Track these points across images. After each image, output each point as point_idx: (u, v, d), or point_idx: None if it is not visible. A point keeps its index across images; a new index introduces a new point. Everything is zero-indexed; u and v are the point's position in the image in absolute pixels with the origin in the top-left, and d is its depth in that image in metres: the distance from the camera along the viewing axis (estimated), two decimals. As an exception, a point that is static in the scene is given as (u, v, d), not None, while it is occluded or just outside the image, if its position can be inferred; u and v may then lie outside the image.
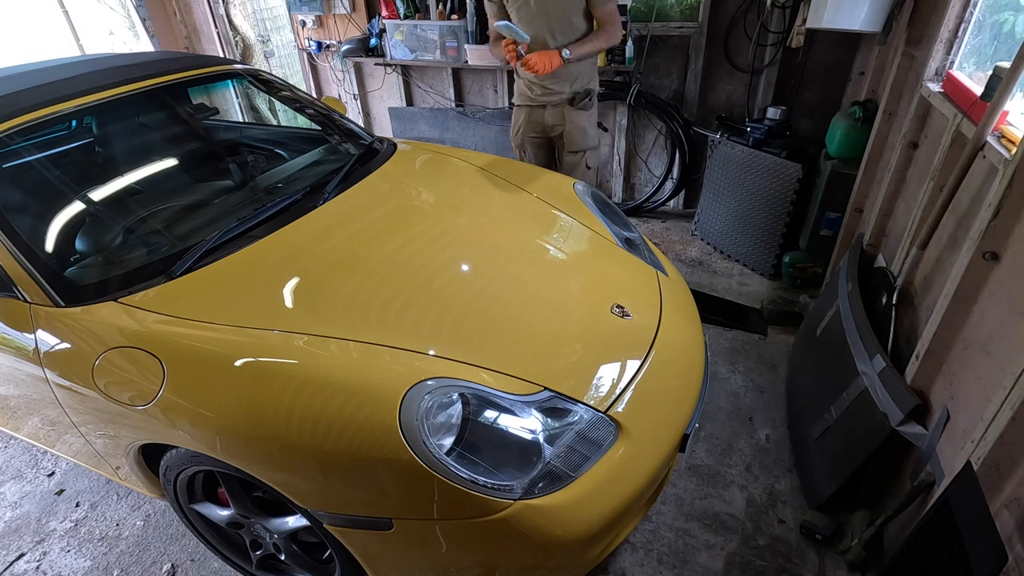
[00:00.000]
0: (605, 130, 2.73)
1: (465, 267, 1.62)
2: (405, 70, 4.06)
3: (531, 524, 1.13)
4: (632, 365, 1.43)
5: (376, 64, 4.07)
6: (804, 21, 2.65)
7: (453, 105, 4.03)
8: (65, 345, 1.37)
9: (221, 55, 4.42)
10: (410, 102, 4.21)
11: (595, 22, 2.41)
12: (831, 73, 3.03)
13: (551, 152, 2.79)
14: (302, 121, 2.45)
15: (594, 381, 1.36)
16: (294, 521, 1.37)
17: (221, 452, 1.21)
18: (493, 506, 1.11)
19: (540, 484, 1.16)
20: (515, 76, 2.63)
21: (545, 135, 2.67)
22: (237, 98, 4.36)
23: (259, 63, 4.63)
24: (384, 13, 3.77)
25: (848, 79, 2.99)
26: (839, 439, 1.71)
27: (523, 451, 1.19)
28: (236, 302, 1.37)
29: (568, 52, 2.29)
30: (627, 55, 3.20)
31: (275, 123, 4.47)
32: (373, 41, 3.93)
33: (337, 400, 1.14)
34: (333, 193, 1.79)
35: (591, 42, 2.35)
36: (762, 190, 2.93)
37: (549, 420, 1.25)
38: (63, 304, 1.37)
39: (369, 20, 3.96)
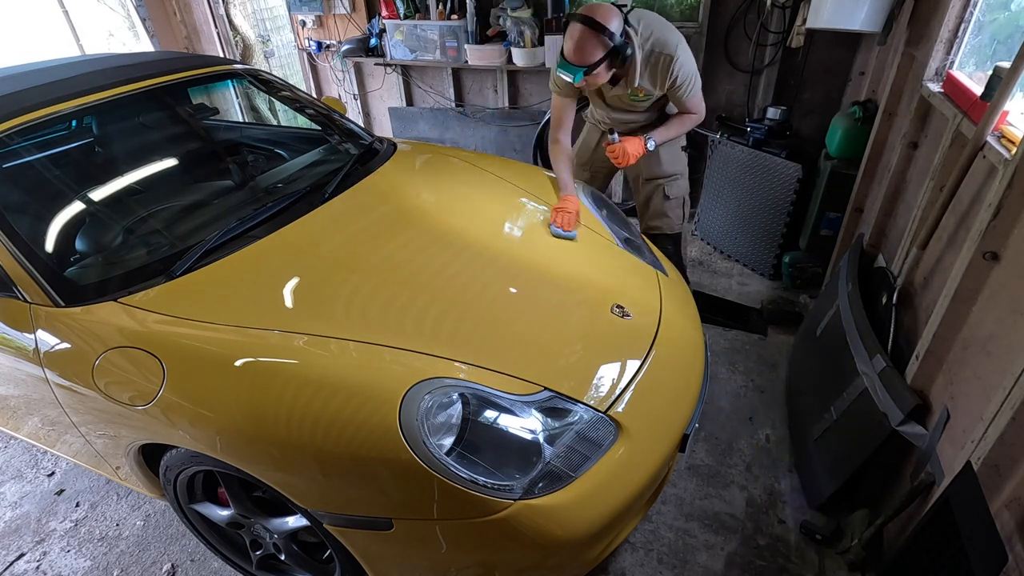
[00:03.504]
0: (688, 152, 2.34)
1: (465, 267, 1.61)
2: (405, 70, 4.07)
3: (531, 524, 1.13)
4: (632, 365, 1.43)
5: (376, 64, 4.07)
6: (804, 21, 2.65)
7: (453, 105, 4.03)
8: (65, 345, 1.37)
9: (221, 55, 4.42)
10: (410, 102, 4.21)
11: None
12: (831, 73, 3.03)
13: (608, 179, 2.55)
14: (302, 121, 2.45)
15: (594, 381, 1.36)
16: (294, 521, 1.37)
17: (221, 452, 1.21)
18: (493, 506, 1.11)
19: (540, 484, 1.16)
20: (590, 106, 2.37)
21: (609, 163, 2.32)
22: (237, 98, 4.36)
23: (259, 63, 4.63)
24: (384, 13, 3.77)
25: (848, 79, 2.99)
26: (839, 439, 1.71)
27: (523, 451, 1.19)
28: (236, 302, 1.37)
29: (653, 143, 2.10)
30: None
31: (275, 123, 4.47)
32: (373, 41, 3.93)
33: (337, 400, 1.14)
34: (333, 193, 1.79)
35: (678, 126, 2.14)
36: (762, 190, 2.93)
37: (549, 420, 1.25)
38: (63, 304, 1.37)
39: (369, 20, 3.96)
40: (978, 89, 1.56)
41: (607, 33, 1.75)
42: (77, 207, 1.65)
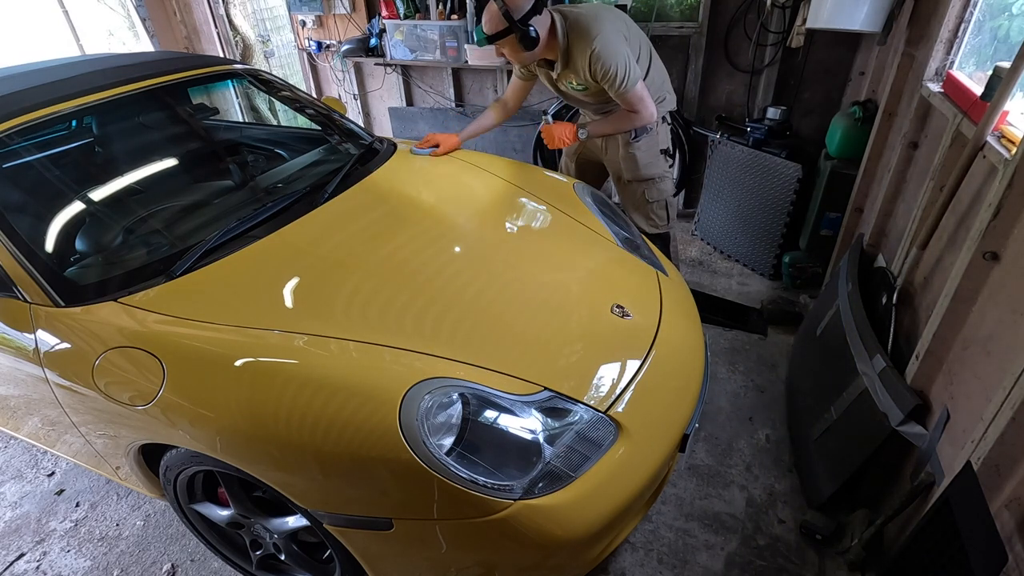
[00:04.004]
0: (671, 156, 2.33)
1: (465, 267, 1.62)
2: (405, 70, 4.06)
3: (531, 524, 1.13)
4: (632, 365, 1.43)
5: (376, 64, 4.07)
6: (804, 21, 2.65)
7: (453, 105, 4.03)
8: (65, 345, 1.37)
9: (221, 55, 4.42)
10: (410, 102, 4.21)
11: None
12: (831, 73, 3.03)
13: (602, 174, 2.57)
14: (302, 121, 2.45)
15: (594, 381, 1.36)
16: (294, 521, 1.37)
17: (221, 452, 1.21)
18: (493, 506, 1.11)
19: (540, 484, 1.16)
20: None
21: (597, 157, 2.44)
22: (237, 98, 4.35)
23: (259, 63, 4.64)
24: (384, 13, 3.77)
25: (848, 79, 2.98)
26: (839, 439, 1.71)
27: (523, 451, 1.19)
28: (236, 302, 1.37)
29: (584, 133, 2.15)
30: (627, 55, 3.20)
31: (275, 123, 4.47)
32: (373, 41, 3.93)
33: (337, 400, 1.14)
34: (333, 193, 1.79)
35: (614, 122, 2.13)
36: (762, 190, 2.93)
37: (549, 420, 1.25)
38: (63, 304, 1.37)
39: (369, 20, 3.96)
40: (978, 89, 1.56)
41: (506, 13, 1.89)
42: (77, 207, 1.65)
